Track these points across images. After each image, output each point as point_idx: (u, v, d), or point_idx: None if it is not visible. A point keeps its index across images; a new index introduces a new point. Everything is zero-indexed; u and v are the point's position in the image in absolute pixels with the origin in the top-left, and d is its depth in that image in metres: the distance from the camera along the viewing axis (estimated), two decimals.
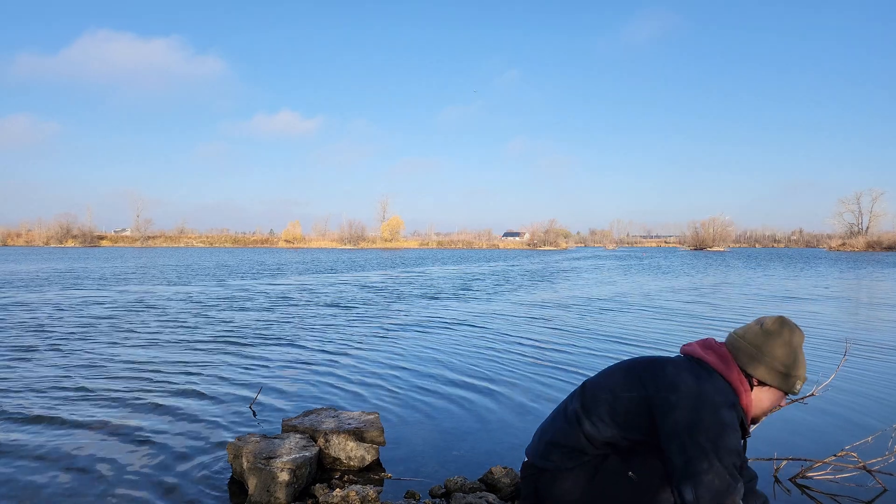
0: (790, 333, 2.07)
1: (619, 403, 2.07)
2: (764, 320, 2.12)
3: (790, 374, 2.03)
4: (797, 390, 2.03)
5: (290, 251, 72.48)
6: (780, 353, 2.04)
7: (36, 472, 3.12)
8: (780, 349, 2.04)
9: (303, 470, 2.88)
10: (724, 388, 2.00)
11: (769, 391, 2.05)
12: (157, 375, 5.38)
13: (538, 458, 2.23)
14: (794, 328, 2.10)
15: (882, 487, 2.98)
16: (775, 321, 2.10)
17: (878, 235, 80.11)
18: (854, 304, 13.03)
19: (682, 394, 1.95)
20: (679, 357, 2.20)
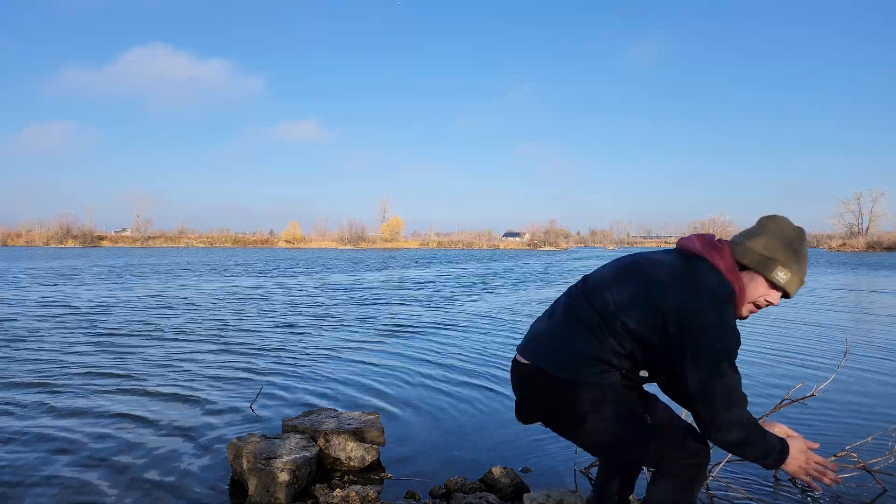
0: (783, 223, 1.94)
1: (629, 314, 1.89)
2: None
3: (771, 257, 1.87)
4: (778, 279, 1.85)
5: (289, 251, 72.49)
6: (766, 238, 1.91)
7: (35, 471, 3.12)
8: (767, 234, 1.92)
9: (303, 470, 2.88)
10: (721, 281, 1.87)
11: (751, 276, 1.89)
12: (157, 375, 5.38)
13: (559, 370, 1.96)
14: (789, 223, 1.95)
15: (882, 488, 2.99)
16: (771, 215, 1.98)
17: (879, 236, 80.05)
18: (854, 304, 13.03)
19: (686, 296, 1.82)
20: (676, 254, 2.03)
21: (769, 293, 1.88)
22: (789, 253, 1.87)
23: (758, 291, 1.88)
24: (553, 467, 3.27)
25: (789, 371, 5.78)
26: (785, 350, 6.95)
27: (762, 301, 1.90)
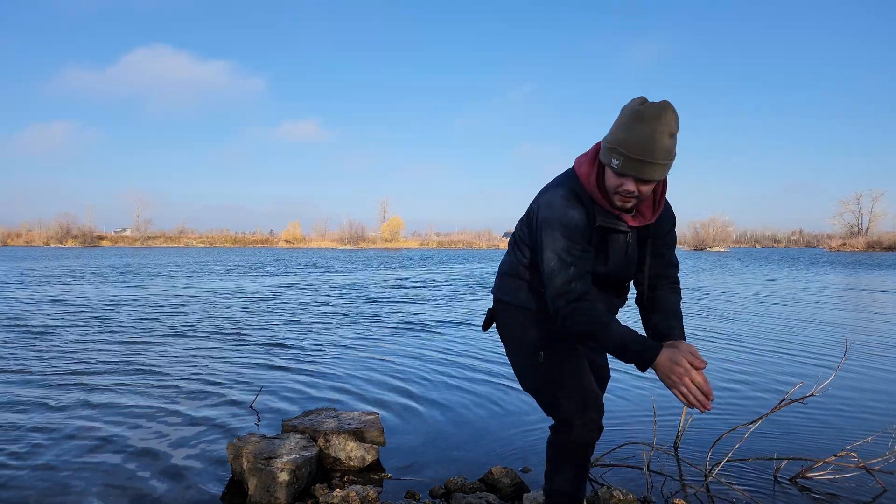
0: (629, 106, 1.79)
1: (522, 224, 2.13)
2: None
3: (609, 146, 1.80)
4: (613, 167, 1.78)
5: (289, 251, 72.47)
6: (612, 127, 1.83)
7: (35, 470, 3.12)
8: (614, 123, 1.83)
9: (303, 470, 2.88)
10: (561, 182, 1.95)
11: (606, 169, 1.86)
12: (157, 375, 5.38)
13: (495, 290, 2.22)
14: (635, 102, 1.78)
15: (882, 487, 2.98)
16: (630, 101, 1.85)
17: (879, 236, 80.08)
18: (854, 304, 13.03)
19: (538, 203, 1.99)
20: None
21: (620, 181, 1.80)
22: (620, 136, 1.76)
23: (612, 182, 1.83)
24: None
25: (789, 371, 5.77)
26: (785, 350, 6.95)
27: (622, 190, 1.81)
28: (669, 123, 1.73)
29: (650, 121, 1.72)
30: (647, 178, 1.76)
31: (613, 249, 1.96)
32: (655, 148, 1.72)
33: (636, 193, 1.80)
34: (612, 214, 1.90)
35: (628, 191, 1.79)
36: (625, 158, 1.74)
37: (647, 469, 3.05)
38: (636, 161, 1.73)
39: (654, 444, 3.22)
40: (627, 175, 1.76)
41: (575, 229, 1.86)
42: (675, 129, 1.75)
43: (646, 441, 3.42)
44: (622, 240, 1.96)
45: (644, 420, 4.09)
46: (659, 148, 1.72)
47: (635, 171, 1.75)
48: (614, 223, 1.91)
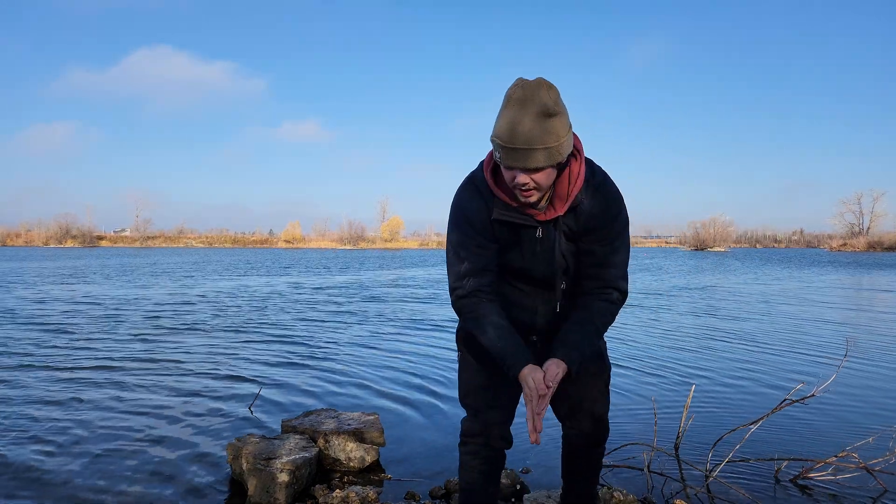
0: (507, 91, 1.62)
1: None
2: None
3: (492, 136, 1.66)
4: (497, 160, 1.65)
5: (289, 251, 72.48)
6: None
7: (34, 470, 3.11)
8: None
9: (302, 471, 2.87)
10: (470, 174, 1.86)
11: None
12: (157, 375, 5.37)
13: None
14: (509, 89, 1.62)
15: (883, 488, 2.98)
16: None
17: (879, 236, 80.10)
18: (854, 304, 13.02)
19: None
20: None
21: (511, 174, 1.65)
22: (496, 125, 1.62)
23: (506, 177, 1.68)
24: (553, 467, 3.26)
25: (790, 371, 5.77)
26: (785, 350, 6.94)
27: (516, 184, 1.65)
28: (535, 102, 1.55)
29: (514, 103, 1.57)
30: (528, 166, 1.59)
31: (524, 244, 1.81)
32: (523, 132, 1.55)
33: (532, 185, 1.63)
34: (513, 207, 1.75)
35: (521, 183, 1.63)
36: (502, 149, 1.60)
37: (648, 469, 3.04)
38: (510, 150, 1.58)
39: (654, 444, 3.21)
40: (511, 167, 1.61)
41: (469, 224, 1.79)
42: (549, 107, 1.55)
43: (646, 441, 3.41)
44: (532, 234, 1.80)
45: (644, 420, 4.08)
46: (527, 132, 1.55)
47: (514, 160, 1.59)
48: (514, 217, 1.76)
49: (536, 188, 1.65)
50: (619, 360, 6.19)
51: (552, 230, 1.80)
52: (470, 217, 1.79)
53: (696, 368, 5.87)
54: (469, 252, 1.80)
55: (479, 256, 1.80)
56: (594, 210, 1.79)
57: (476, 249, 1.80)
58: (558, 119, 1.58)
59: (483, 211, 1.79)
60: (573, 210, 1.78)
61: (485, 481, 2.07)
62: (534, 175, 1.62)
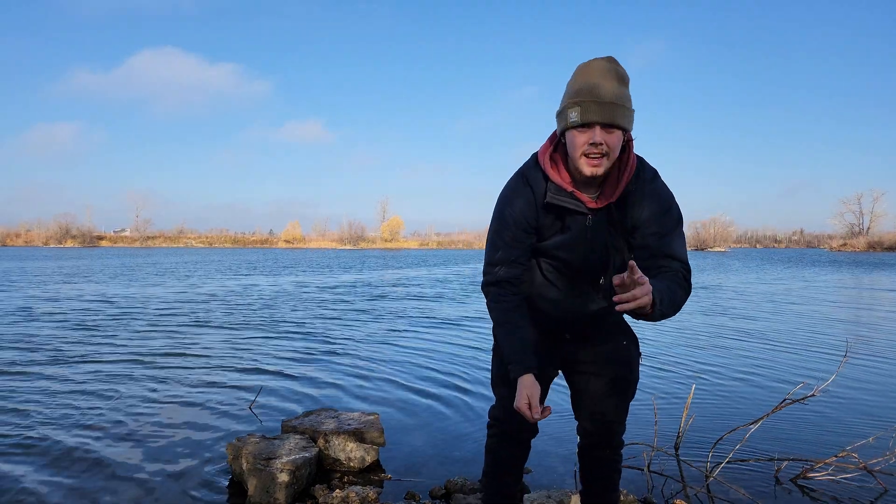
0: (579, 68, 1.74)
1: None
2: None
3: (560, 110, 1.75)
4: (573, 121, 1.69)
5: (289, 251, 72.48)
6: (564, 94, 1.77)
7: (34, 470, 3.11)
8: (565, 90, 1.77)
9: (302, 471, 2.87)
10: (520, 168, 1.90)
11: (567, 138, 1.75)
12: (157, 375, 5.37)
13: None
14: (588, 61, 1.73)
15: (883, 488, 2.98)
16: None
17: (880, 236, 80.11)
18: (854, 304, 13.02)
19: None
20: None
21: (585, 136, 1.67)
22: (569, 92, 1.72)
23: (577, 142, 1.69)
24: (553, 468, 3.26)
25: (790, 371, 5.77)
26: (786, 350, 6.94)
27: (587, 149, 1.68)
28: (614, 68, 1.68)
29: (592, 68, 1.69)
30: (609, 120, 1.64)
31: (573, 232, 1.80)
32: (607, 88, 1.65)
33: (605, 148, 1.67)
34: (566, 192, 1.76)
35: (597, 142, 1.65)
36: (583, 106, 1.66)
37: (648, 470, 3.04)
38: (594, 104, 1.64)
39: (654, 444, 3.21)
40: (589, 123, 1.65)
41: (509, 215, 1.84)
42: (623, 76, 1.69)
43: (646, 442, 3.41)
44: (581, 222, 1.79)
45: (644, 421, 4.08)
46: (609, 87, 1.65)
47: (596, 114, 1.64)
48: (567, 201, 1.76)
49: (606, 154, 1.68)
50: None
51: (603, 219, 1.79)
52: (512, 209, 1.84)
53: (695, 368, 5.87)
54: (504, 242, 1.86)
55: (513, 248, 1.86)
56: (645, 203, 1.78)
57: (511, 241, 1.85)
58: (628, 91, 1.70)
59: (527, 204, 1.82)
60: (623, 200, 1.77)
61: (507, 466, 2.12)
62: (609, 136, 1.66)
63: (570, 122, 1.68)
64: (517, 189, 1.84)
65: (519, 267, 1.88)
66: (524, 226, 1.83)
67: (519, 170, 1.89)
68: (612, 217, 1.79)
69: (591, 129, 1.66)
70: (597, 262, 1.85)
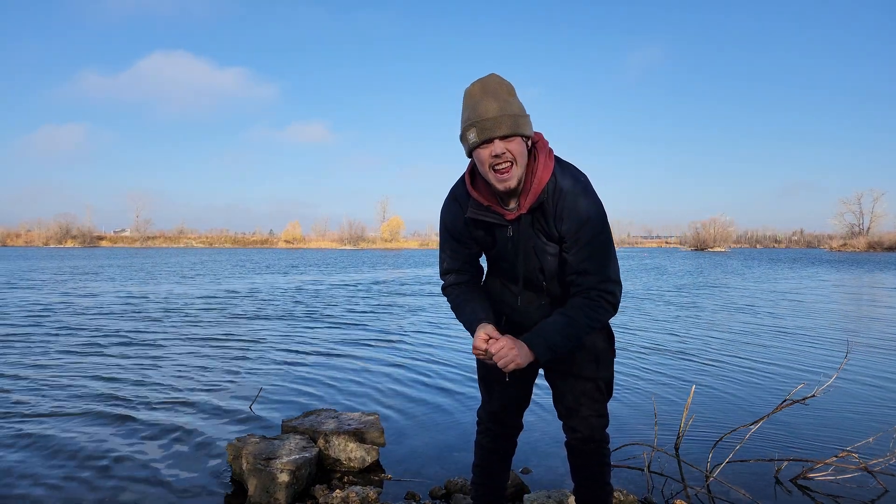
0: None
1: None
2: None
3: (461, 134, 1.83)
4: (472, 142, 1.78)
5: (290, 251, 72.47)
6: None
7: (34, 471, 3.11)
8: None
9: (302, 471, 2.87)
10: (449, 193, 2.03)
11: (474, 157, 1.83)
12: (157, 375, 5.37)
13: None
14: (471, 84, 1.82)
15: (883, 488, 2.98)
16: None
17: (880, 236, 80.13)
18: (855, 304, 13.02)
19: None
20: None
21: (487, 150, 1.75)
22: (462, 119, 1.81)
23: (483, 161, 1.77)
24: (553, 468, 3.26)
25: (791, 371, 5.77)
26: (786, 350, 6.94)
27: (493, 161, 1.75)
28: (496, 83, 1.77)
29: (477, 89, 1.78)
30: (499, 133, 1.72)
31: (500, 243, 1.94)
32: (488, 106, 1.73)
33: (508, 157, 1.75)
34: (484, 206, 1.88)
35: (498, 153, 1.73)
36: (474, 128, 1.75)
37: (648, 470, 3.04)
38: (480, 123, 1.74)
39: (654, 444, 3.21)
40: (485, 140, 1.74)
41: (446, 230, 2.02)
42: (507, 87, 1.78)
43: (646, 441, 3.41)
44: (504, 233, 1.91)
45: (645, 421, 4.08)
46: (497, 101, 1.74)
47: (485, 131, 1.73)
48: (486, 215, 1.88)
49: (512, 162, 1.76)
50: (619, 360, 6.19)
51: (526, 228, 1.87)
52: (447, 224, 2.01)
53: (696, 368, 5.87)
54: (447, 255, 2.05)
55: (455, 258, 2.04)
56: (564, 216, 1.83)
57: (452, 252, 2.04)
58: (516, 100, 1.78)
59: (458, 220, 1.97)
60: (541, 208, 1.84)
61: (494, 460, 2.25)
62: (509, 143, 1.74)
63: (472, 143, 1.78)
64: (450, 207, 1.99)
65: (466, 273, 2.06)
66: (459, 238, 2.00)
67: (452, 190, 2.02)
68: (537, 224, 1.87)
69: (491, 143, 1.75)
70: (533, 268, 1.94)
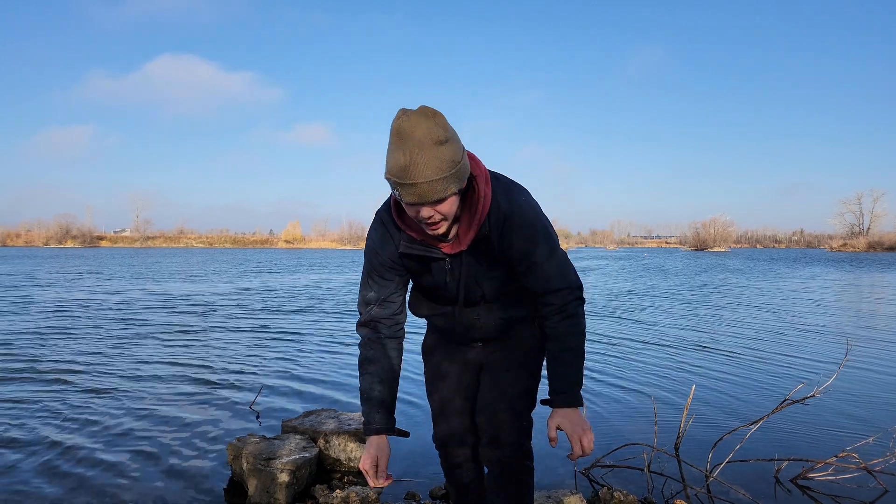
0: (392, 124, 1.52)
1: None
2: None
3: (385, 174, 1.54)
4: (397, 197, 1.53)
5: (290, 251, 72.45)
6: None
7: (34, 471, 3.11)
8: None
9: (303, 471, 2.87)
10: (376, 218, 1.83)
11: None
12: (157, 375, 5.37)
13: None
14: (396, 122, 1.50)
15: (883, 488, 2.98)
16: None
17: (880, 236, 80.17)
18: (855, 304, 13.02)
19: None
20: None
21: (414, 210, 1.54)
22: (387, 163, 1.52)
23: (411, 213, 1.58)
24: (553, 468, 3.26)
25: (791, 371, 5.77)
26: (786, 350, 6.94)
27: (420, 219, 1.56)
28: (421, 133, 1.45)
29: (400, 138, 1.46)
30: (428, 199, 1.48)
31: (436, 274, 1.80)
32: (415, 166, 1.44)
33: (438, 217, 1.54)
34: (417, 241, 1.70)
35: (426, 217, 1.53)
36: (399, 187, 1.49)
37: (648, 470, 3.04)
38: (407, 186, 1.47)
39: (654, 445, 3.21)
40: (412, 203, 1.51)
41: (375, 258, 1.79)
42: (437, 135, 1.46)
43: (646, 442, 3.41)
44: (441, 266, 1.77)
45: (645, 421, 4.08)
46: (420, 164, 1.44)
47: (412, 196, 1.48)
48: (420, 250, 1.71)
49: (444, 219, 1.57)
50: (619, 360, 6.19)
51: (465, 262, 1.75)
52: (377, 251, 1.78)
53: (696, 368, 5.87)
54: (374, 282, 1.83)
55: (383, 287, 1.83)
56: (511, 240, 1.69)
57: (380, 280, 1.82)
58: (449, 145, 1.48)
59: (389, 245, 1.76)
60: (484, 238, 1.69)
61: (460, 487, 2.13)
62: (437, 207, 1.53)
63: (396, 197, 1.57)
64: (380, 234, 1.77)
65: (391, 305, 1.85)
66: (390, 266, 1.79)
67: (377, 214, 1.80)
68: (480, 255, 1.74)
69: (415, 205, 1.52)
70: (472, 293, 1.83)
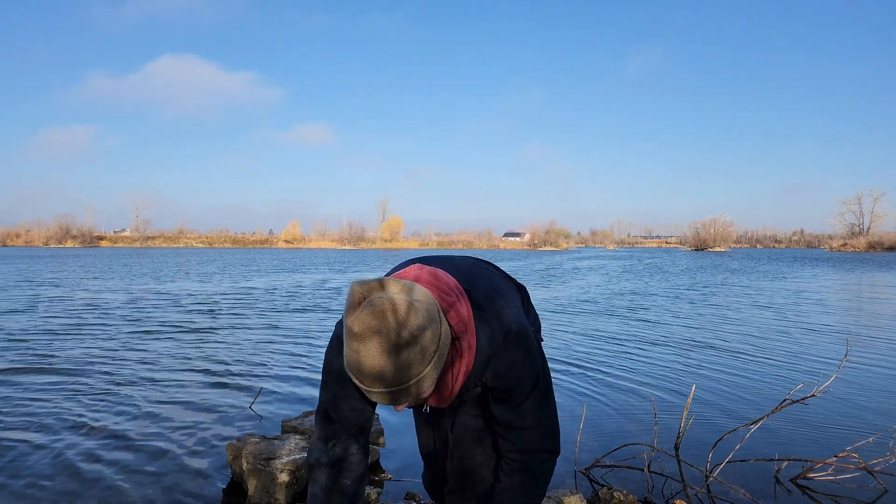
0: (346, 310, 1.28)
1: None
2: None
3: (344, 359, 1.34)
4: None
5: (290, 251, 72.49)
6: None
7: (33, 472, 3.11)
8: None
9: (303, 471, 2.87)
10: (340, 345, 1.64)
11: None
12: (157, 375, 5.37)
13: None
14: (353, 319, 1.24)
15: (883, 488, 2.98)
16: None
17: (880, 236, 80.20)
18: (855, 304, 13.02)
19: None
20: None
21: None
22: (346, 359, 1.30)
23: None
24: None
25: (790, 371, 5.77)
26: (786, 350, 6.94)
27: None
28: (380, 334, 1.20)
29: (355, 335, 1.23)
30: (388, 404, 1.29)
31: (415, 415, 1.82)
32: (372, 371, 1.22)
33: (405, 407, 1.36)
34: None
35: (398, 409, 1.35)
36: (363, 387, 1.28)
37: (648, 470, 3.04)
38: (372, 392, 1.27)
39: (654, 444, 3.21)
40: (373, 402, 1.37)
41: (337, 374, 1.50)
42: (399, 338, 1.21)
43: (646, 442, 3.41)
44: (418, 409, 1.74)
45: (644, 421, 4.08)
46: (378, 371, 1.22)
47: (371, 397, 1.29)
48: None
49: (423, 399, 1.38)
50: (618, 360, 6.19)
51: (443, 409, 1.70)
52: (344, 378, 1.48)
53: (696, 368, 5.87)
54: (330, 395, 1.53)
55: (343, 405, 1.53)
56: (490, 384, 1.53)
57: (343, 398, 1.52)
58: (415, 348, 1.23)
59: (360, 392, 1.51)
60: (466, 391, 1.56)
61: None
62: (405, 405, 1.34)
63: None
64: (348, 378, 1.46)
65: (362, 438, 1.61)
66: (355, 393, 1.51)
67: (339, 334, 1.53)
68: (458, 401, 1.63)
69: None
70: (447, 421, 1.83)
